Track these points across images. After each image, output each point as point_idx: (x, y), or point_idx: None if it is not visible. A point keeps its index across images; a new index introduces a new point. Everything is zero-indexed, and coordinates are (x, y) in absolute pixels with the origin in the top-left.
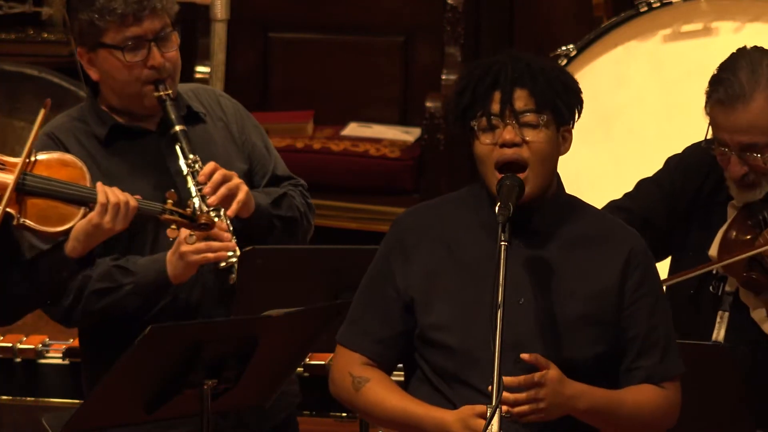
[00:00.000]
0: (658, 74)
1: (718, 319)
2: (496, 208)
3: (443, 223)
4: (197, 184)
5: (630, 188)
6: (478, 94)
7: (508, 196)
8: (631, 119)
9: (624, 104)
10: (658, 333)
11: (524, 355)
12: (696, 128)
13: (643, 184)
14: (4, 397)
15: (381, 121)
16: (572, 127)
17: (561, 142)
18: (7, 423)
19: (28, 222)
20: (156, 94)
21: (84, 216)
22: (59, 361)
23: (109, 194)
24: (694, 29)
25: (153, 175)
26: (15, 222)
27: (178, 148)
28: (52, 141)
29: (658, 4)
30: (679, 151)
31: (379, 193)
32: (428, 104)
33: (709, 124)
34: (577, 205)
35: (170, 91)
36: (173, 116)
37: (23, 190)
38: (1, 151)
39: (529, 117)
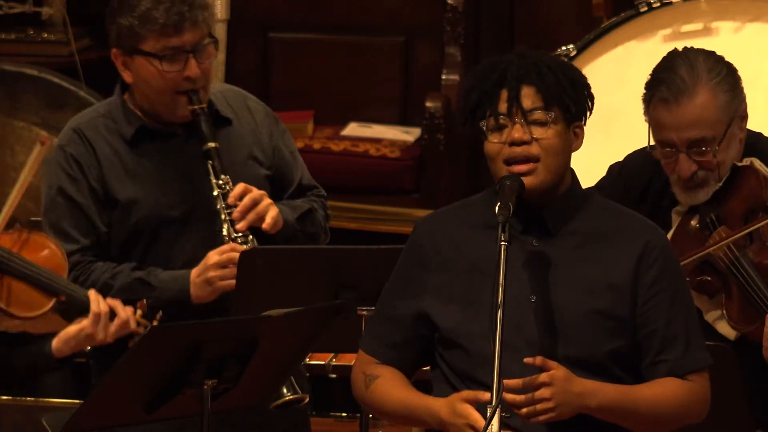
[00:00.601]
0: None
1: None
2: (496, 209)
3: (457, 227)
4: (227, 207)
5: None
6: (485, 94)
7: (508, 196)
8: (631, 119)
9: (624, 104)
10: (679, 326)
11: (528, 359)
12: None
13: None
14: (4, 397)
15: (381, 121)
16: (584, 124)
17: (573, 138)
18: (7, 423)
19: None
20: (191, 107)
21: (54, 307)
22: None
23: (102, 304)
24: (694, 29)
25: (177, 177)
26: None
27: (210, 166)
28: (78, 137)
29: (658, 4)
30: None
31: (379, 193)
32: (428, 104)
33: (650, 127)
34: (592, 200)
35: (204, 105)
36: (207, 132)
37: (1, 269)
38: (1, 151)
39: (537, 114)
